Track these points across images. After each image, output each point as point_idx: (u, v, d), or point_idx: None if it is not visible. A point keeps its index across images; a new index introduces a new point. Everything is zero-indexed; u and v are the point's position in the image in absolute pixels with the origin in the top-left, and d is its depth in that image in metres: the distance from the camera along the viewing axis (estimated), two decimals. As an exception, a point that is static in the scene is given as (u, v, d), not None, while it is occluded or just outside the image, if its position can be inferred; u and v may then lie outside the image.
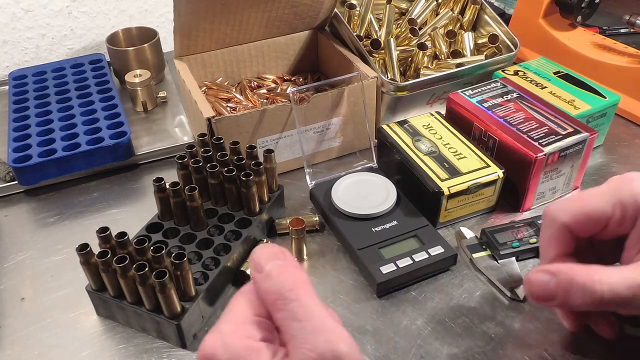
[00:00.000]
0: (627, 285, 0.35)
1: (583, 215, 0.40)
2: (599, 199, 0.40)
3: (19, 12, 0.89)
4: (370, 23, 0.77)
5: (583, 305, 0.37)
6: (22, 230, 0.61)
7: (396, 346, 0.46)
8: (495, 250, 0.53)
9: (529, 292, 0.40)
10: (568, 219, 0.40)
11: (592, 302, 0.36)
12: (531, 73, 0.70)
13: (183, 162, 0.55)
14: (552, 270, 0.38)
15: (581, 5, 0.80)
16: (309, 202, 0.62)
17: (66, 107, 0.75)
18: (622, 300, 0.36)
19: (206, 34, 0.69)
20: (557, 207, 0.41)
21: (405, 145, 0.60)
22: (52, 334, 0.49)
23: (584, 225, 0.40)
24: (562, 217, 0.40)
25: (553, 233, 0.41)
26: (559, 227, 0.41)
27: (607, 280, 0.36)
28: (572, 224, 0.40)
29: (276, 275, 0.30)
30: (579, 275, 0.37)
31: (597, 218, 0.39)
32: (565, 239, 0.41)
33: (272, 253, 0.31)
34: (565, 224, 0.40)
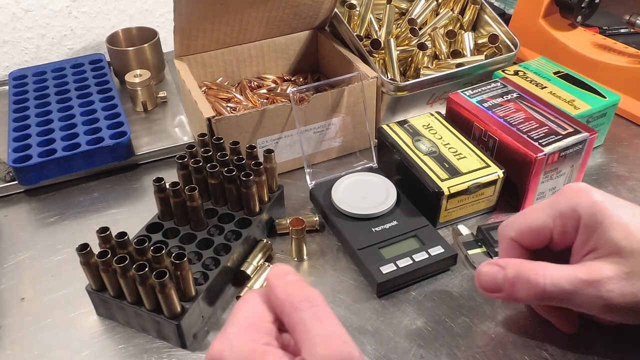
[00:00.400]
0: (567, 280, 0.39)
1: (527, 230, 0.43)
2: (540, 213, 0.43)
3: (19, 12, 0.89)
4: (370, 23, 0.77)
5: (527, 298, 0.40)
6: (22, 230, 0.61)
7: (396, 346, 0.46)
8: (490, 247, 0.53)
9: (477, 283, 0.43)
10: (514, 234, 0.44)
11: (535, 295, 0.40)
12: (531, 73, 0.70)
13: (183, 162, 0.55)
14: (502, 264, 0.42)
15: (581, 5, 0.80)
16: (309, 202, 0.62)
17: (66, 107, 0.75)
18: (563, 294, 0.39)
19: (206, 34, 0.69)
20: (506, 223, 0.45)
21: (405, 145, 0.60)
22: (52, 334, 0.49)
23: (529, 239, 0.43)
24: (509, 232, 0.44)
25: (504, 247, 0.45)
26: (508, 241, 0.44)
27: (550, 274, 0.40)
28: (518, 238, 0.43)
29: (300, 281, 0.32)
30: (525, 269, 0.40)
31: (540, 231, 0.42)
32: (515, 251, 0.44)
33: (292, 270, 0.33)
34: (512, 238, 0.44)
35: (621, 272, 0.38)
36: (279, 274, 0.32)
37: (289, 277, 0.32)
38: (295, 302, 0.30)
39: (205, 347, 0.47)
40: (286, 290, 0.31)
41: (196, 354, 0.47)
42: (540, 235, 0.43)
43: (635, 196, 0.62)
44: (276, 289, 0.31)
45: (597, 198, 0.40)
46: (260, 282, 0.51)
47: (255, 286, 0.51)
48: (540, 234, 0.43)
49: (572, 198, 0.41)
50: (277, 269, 0.33)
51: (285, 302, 0.31)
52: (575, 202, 0.41)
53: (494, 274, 0.42)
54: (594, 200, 0.40)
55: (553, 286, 0.39)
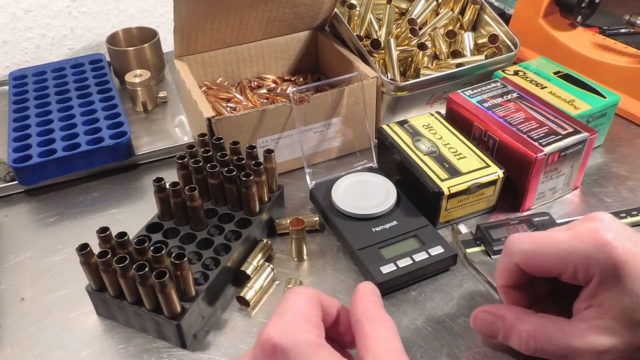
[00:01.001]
0: (559, 346, 0.39)
1: (535, 264, 0.40)
2: (555, 251, 0.39)
3: (19, 12, 0.89)
4: (370, 23, 0.77)
5: (520, 350, 0.41)
6: (22, 230, 0.61)
7: (396, 346, 0.46)
8: (489, 246, 0.53)
9: (473, 325, 0.45)
10: (519, 260, 0.41)
11: (526, 351, 0.41)
12: (531, 73, 0.70)
13: (183, 162, 0.55)
14: (498, 315, 0.43)
15: (581, 5, 0.80)
16: (309, 202, 0.62)
17: (66, 107, 0.75)
18: (554, 355, 0.40)
19: (206, 34, 0.69)
20: (516, 241, 0.41)
21: (405, 145, 0.60)
22: (52, 334, 0.49)
23: (535, 270, 0.41)
24: (515, 255, 0.41)
25: (506, 265, 0.42)
26: (511, 264, 0.42)
27: (543, 338, 0.40)
28: (524, 265, 0.41)
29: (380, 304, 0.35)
30: (518, 327, 0.41)
31: (549, 269, 0.40)
32: (516, 274, 0.42)
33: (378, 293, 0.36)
34: (517, 264, 0.41)
35: (619, 346, 0.37)
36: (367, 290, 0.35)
37: (372, 297, 0.35)
38: (371, 317, 0.33)
39: (205, 347, 0.47)
40: (368, 305, 0.34)
41: (196, 354, 0.47)
42: (547, 272, 0.40)
43: (635, 196, 0.62)
44: (360, 300, 0.34)
45: (620, 257, 0.36)
46: (260, 282, 0.51)
47: (255, 286, 0.51)
48: (548, 271, 0.40)
49: (592, 251, 0.37)
50: (367, 286, 0.36)
51: (364, 314, 0.33)
52: (595, 257, 0.37)
53: (490, 323, 0.43)
54: (616, 261, 0.36)
55: (544, 347, 0.40)
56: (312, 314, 0.33)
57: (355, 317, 0.34)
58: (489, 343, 0.46)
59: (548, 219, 0.56)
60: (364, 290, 0.35)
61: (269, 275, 0.52)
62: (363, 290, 0.35)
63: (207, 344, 0.47)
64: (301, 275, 0.54)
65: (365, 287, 0.35)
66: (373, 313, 0.34)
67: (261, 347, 0.31)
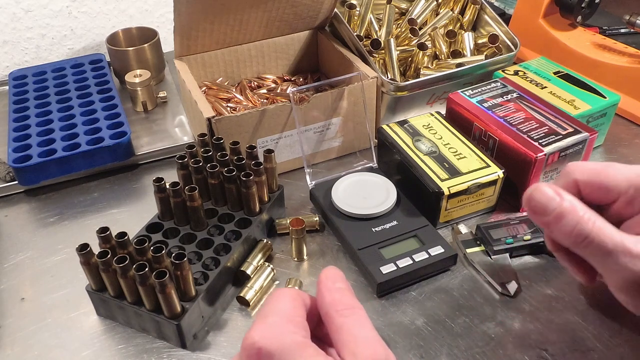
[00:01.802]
0: (612, 240, 0.36)
1: (597, 182, 0.40)
2: (620, 174, 0.39)
3: (19, 12, 0.89)
4: (370, 23, 0.77)
5: (566, 236, 0.38)
6: (22, 230, 0.61)
7: (396, 346, 0.46)
8: (489, 246, 0.53)
9: (527, 199, 0.39)
10: (581, 177, 0.40)
11: (575, 237, 0.37)
12: (531, 73, 0.70)
13: (183, 162, 0.55)
14: (560, 193, 0.38)
15: (581, 5, 0.80)
16: (309, 202, 0.62)
17: (66, 107, 0.75)
18: (600, 249, 0.37)
19: (206, 34, 0.69)
20: (581, 164, 0.41)
21: (405, 145, 0.60)
22: (52, 334, 0.49)
23: (592, 191, 0.40)
24: (577, 174, 0.40)
25: (562, 183, 0.41)
26: (570, 181, 0.41)
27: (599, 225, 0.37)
28: (583, 184, 0.40)
29: (348, 290, 0.33)
30: (579, 208, 0.37)
31: (609, 190, 0.39)
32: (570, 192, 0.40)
33: (343, 277, 0.34)
34: (577, 181, 0.40)
35: None
36: (331, 277, 0.33)
37: (338, 284, 0.33)
38: (339, 308, 0.32)
39: (205, 347, 0.47)
40: (334, 295, 0.32)
41: (196, 354, 0.47)
42: (605, 194, 0.40)
43: (635, 196, 0.62)
44: (325, 292, 0.33)
45: None
46: (260, 282, 0.51)
47: (255, 286, 0.51)
48: (607, 193, 0.40)
49: None
50: (330, 272, 0.34)
51: (331, 307, 0.32)
52: None
53: (549, 198, 0.38)
54: None
55: (597, 237, 0.37)
56: (296, 315, 0.32)
57: (324, 311, 0.32)
58: (488, 343, 0.46)
59: (548, 219, 0.56)
60: (327, 278, 0.33)
61: (269, 275, 0.52)
62: (326, 279, 0.33)
63: (207, 344, 0.47)
64: (301, 275, 0.54)
65: (328, 276, 0.34)
66: (340, 303, 0.32)
67: (246, 352, 0.30)
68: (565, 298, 0.50)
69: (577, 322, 0.48)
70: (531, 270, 0.53)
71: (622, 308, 0.49)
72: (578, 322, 0.48)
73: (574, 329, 0.47)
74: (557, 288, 0.51)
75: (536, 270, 0.53)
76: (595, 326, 0.47)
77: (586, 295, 0.50)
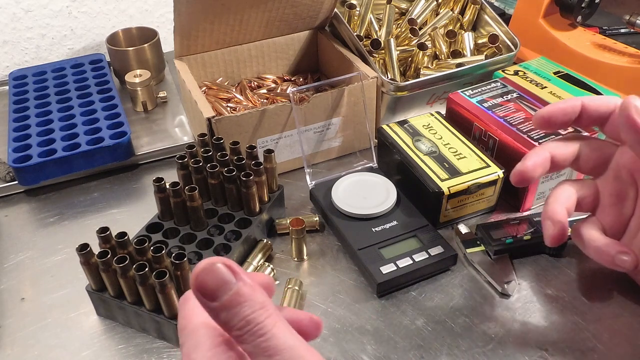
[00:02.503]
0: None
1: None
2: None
3: (19, 12, 0.89)
4: (370, 23, 0.77)
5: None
6: (22, 230, 0.61)
7: (396, 346, 0.46)
8: (489, 246, 0.53)
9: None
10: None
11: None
12: (531, 73, 0.70)
13: (183, 162, 0.55)
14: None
15: (581, 5, 0.80)
16: (309, 202, 0.62)
17: (66, 107, 0.75)
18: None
19: (206, 34, 0.69)
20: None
21: (405, 145, 0.60)
22: (52, 334, 0.49)
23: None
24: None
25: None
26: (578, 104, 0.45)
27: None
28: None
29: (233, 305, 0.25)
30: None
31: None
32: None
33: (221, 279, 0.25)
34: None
35: None
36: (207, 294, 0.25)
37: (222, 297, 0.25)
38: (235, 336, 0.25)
39: (205, 347, 0.47)
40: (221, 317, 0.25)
41: (196, 354, 0.47)
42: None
43: (635, 196, 0.62)
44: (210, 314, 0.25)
45: None
46: (260, 282, 0.51)
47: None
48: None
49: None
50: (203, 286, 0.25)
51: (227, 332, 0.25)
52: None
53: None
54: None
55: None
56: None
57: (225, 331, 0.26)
58: (488, 343, 0.46)
59: (548, 219, 0.56)
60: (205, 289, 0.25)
61: (269, 275, 0.52)
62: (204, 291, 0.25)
63: (207, 344, 0.47)
64: (301, 275, 0.54)
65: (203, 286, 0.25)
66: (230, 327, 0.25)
67: None
68: (565, 298, 0.50)
69: (577, 322, 0.48)
70: (531, 270, 0.53)
71: (622, 308, 0.49)
72: (578, 322, 0.48)
73: (574, 329, 0.47)
74: (557, 288, 0.51)
75: (536, 270, 0.53)
76: (595, 326, 0.47)
77: (586, 296, 0.50)
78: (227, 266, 0.25)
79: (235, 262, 0.26)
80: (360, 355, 0.46)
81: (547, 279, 0.52)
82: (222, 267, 0.25)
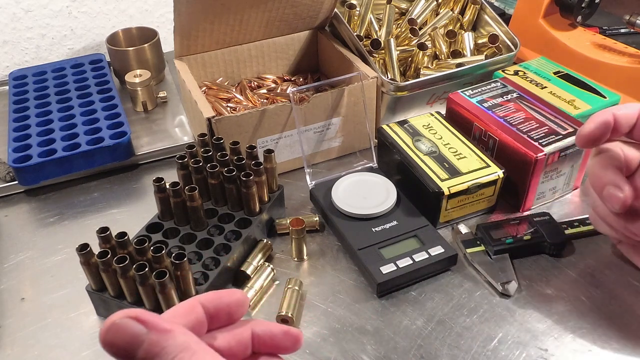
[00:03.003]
0: None
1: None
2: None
3: (19, 12, 0.89)
4: (370, 23, 0.77)
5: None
6: (22, 230, 0.61)
7: (396, 346, 0.46)
8: (489, 246, 0.53)
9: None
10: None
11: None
12: (531, 73, 0.70)
13: (183, 162, 0.55)
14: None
15: (581, 5, 0.80)
16: (309, 202, 0.62)
17: (66, 107, 0.75)
18: None
19: (206, 34, 0.69)
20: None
21: (405, 145, 0.60)
22: (52, 334, 0.49)
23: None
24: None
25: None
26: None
27: None
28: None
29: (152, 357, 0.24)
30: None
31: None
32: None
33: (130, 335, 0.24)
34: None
35: None
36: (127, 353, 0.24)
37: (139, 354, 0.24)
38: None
39: (205, 347, 0.47)
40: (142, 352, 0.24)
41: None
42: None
43: (635, 196, 0.62)
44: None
45: None
46: (260, 282, 0.51)
47: (255, 286, 0.51)
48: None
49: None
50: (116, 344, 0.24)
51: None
52: None
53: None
54: None
55: None
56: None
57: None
58: (488, 343, 0.46)
59: (548, 219, 0.56)
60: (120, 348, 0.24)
61: (269, 275, 0.52)
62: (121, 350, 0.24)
63: (207, 344, 0.47)
64: (301, 275, 0.54)
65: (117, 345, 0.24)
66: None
67: None
68: (565, 298, 0.50)
69: (577, 322, 0.48)
70: (531, 270, 0.53)
71: (622, 308, 0.49)
72: (578, 322, 0.48)
73: (574, 329, 0.47)
74: (557, 288, 0.51)
75: (536, 270, 0.53)
76: (595, 326, 0.47)
77: (586, 296, 0.50)
78: (134, 317, 0.24)
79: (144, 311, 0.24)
80: (360, 355, 0.46)
81: (547, 279, 0.52)
82: (128, 321, 0.24)
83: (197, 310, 0.28)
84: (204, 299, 0.28)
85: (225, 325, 0.30)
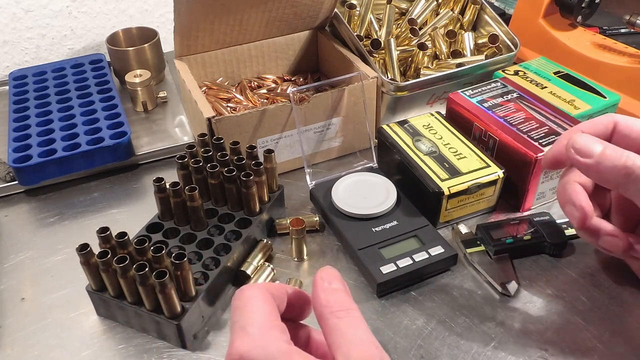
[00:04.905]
0: None
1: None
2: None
3: (19, 12, 0.89)
4: (370, 23, 0.77)
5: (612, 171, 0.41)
6: (22, 230, 0.61)
7: (396, 346, 0.46)
8: (489, 246, 0.53)
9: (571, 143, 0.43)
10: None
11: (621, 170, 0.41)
12: (531, 73, 0.70)
13: (183, 162, 0.55)
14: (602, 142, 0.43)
15: (581, 5, 0.80)
16: (309, 202, 0.62)
17: (66, 107, 0.75)
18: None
19: (206, 34, 0.69)
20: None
21: (406, 145, 0.60)
22: (52, 334, 0.49)
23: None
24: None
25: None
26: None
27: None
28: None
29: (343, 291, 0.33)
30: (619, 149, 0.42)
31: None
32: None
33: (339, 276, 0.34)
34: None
35: None
36: (326, 278, 0.33)
37: (334, 285, 0.33)
38: (334, 310, 0.32)
39: (205, 347, 0.47)
40: (328, 296, 0.32)
41: (196, 354, 0.47)
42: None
43: (635, 196, 0.62)
44: (320, 293, 0.33)
45: None
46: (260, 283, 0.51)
47: (255, 286, 0.51)
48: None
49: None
50: (325, 273, 0.33)
51: (326, 308, 0.32)
52: None
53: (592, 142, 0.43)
54: None
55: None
56: (274, 319, 0.32)
57: (318, 312, 0.32)
58: (488, 343, 0.46)
59: (548, 219, 0.56)
60: (322, 279, 0.33)
61: (269, 275, 0.52)
62: (321, 280, 0.33)
63: (207, 344, 0.47)
64: (301, 275, 0.54)
65: (323, 276, 0.33)
66: (335, 304, 0.32)
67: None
68: (565, 298, 0.50)
69: (577, 322, 0.48)
70: (531, 270, 0.53)
71: (622, 308, 0.49)
72: (578, 322, 0.48)
73: (574, 329, 0.47)
74: (557, 288, 0.51)
75: (536, 270, 0.53)
76: (595, 326, 0.47)
77: (586, 296, 0.50)
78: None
79: None
80: (360, 355, 0.46)
81: (547, 279, 0.52)
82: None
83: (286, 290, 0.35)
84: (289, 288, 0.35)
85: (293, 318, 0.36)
